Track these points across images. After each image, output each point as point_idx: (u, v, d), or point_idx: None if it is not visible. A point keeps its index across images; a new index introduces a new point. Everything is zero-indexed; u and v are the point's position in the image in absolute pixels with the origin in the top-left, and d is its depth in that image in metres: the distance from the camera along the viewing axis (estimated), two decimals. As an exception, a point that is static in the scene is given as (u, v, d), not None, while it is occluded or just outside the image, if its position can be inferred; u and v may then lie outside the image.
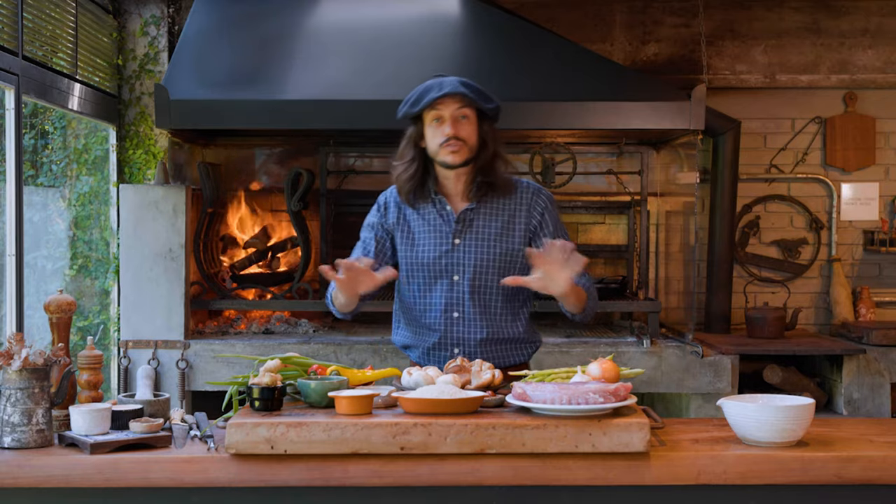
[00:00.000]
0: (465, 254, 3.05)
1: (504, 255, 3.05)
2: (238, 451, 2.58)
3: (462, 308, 3.08)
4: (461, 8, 5.25)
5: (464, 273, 3.06)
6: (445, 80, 2.99)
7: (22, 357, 2.63)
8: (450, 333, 3.11)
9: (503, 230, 3.06)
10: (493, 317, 3.10)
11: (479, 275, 3.05)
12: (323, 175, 5.54)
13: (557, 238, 2.96)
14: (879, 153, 6.04)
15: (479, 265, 3.05)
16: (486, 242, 3.05)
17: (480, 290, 3.06)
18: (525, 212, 3.07)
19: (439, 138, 2.99)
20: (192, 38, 5.19)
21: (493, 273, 3.05)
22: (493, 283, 3.05)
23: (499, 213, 3.06)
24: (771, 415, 2.66)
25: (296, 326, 5.39)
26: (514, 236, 3.06)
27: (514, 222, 3.06)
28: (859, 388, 5.15)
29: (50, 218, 5.34)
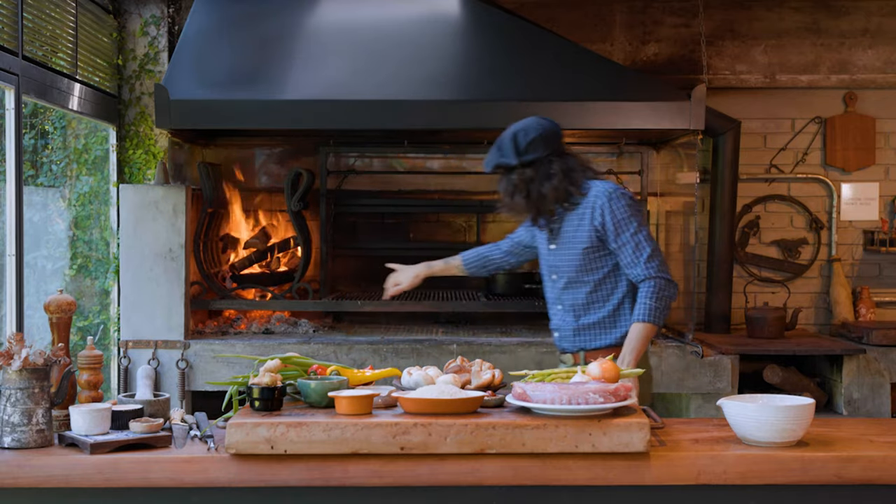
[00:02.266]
0: (556, 257, 3.53)
1: (581, 253, 3.45)
2: (238, 451, 2.58)
3: (560, 300, 3.55)
4: (461, 8, 5.25)
5: (558, 272, 3.54)
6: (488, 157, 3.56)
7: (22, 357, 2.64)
8: (553, 320, 3.61)
9: (576, 232, 3.46)
10: (578, 307, 3.50)
11: (565, 271, 3.50)
12: (323, 175, 5.54)
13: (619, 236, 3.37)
14: (879, 153, 6.04)
15: (565, 264, 3.49)
16: (566, 245, 3.49)
17: (569, 286, 3.51)
18: (590, 213, 3.43)
19: None
20: (192, 38, 5.19)
21: (574, 268, 3.47)
22: (576, 277, 3.47)
23: (573, 218, 3.47)
24: (771, 415, 2.66)
25: (296, 326, 5.39)
26: (583, 236, 3.44)
27: (584, 223, 3.44)
28: (859, 388, 5.15)
29: (50, 218, 5.34)
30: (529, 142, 3.45)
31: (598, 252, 3.43)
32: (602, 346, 3.45)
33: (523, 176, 3.46)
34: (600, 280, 3.45)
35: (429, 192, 6.01)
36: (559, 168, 3.43)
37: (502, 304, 5.42)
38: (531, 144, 3.45)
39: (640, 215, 3.42)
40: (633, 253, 3.36)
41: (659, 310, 3.33)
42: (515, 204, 3.49)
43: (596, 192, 3.42)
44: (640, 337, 3.33)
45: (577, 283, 3.47)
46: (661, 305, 3.33)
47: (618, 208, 3.38)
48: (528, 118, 3.52)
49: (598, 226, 3.39)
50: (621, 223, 3.38)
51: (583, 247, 3.42)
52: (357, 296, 5.59)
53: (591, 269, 3.45)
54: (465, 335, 5.26)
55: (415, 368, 2.98)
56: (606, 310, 3.46)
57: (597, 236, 3.41)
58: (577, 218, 3.44)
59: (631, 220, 3.38)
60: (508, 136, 3.50)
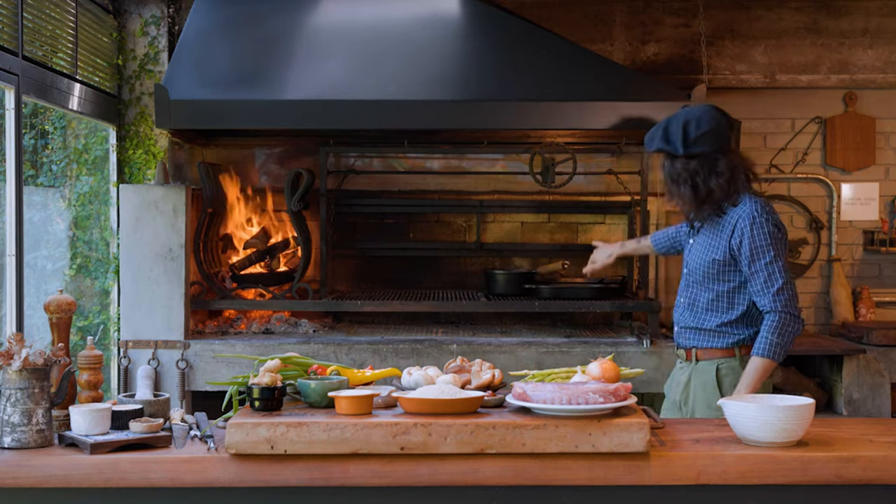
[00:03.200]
0: (690, 254, 3.57)
1: (709, 262, 3.46)
2: (238, 451, 2.58)
3: (682, 296, 3.59)
4: (461, 8, 5.25)
5: (687, 268, 3.57)
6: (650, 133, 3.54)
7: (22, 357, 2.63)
8: (675, 313, 3.63)
9: (711, 241, 3.47)
10: (697, 309, 3.51)
11: (693, 272, 3.53)
12: (323, 175, 5.54)
13: (753, 263, 3.35)
14: (879, 153, 6.04)
15: (693, 264, 3.52)
16: (701, 247, 3.50)
17: (692, 285, 3.54)
18: (730, 229, 3.41)
19: None
20: (192, 38, 5.19)
21: (700, 273, 3.49)
22: (700, 281, 3.49)
23: (714, 226, 3.48)
24: (771, 415, 2.66)
25: (296, 326, 5.39)
26: (718, 248, 3.44)
27: (722, 236, 3.44)
28: (859, 388, 5.15)
29: (50, 218, 5.34)
30: (701, 134, 3.39)
31: (728, 267, 3.42)
32: (713, 347, 3.46)
33: (688, 167, 3.42)
34: (725, 292, 3.44)
35: (429, 192, 6.02)
36: (726, 166, 3.40)
37: (502, 304, 5.42)
38: (702, 137, 3.40)
39: (779, 244, 3.37)
40: (763, 283, 3.33)
41: (780, 346, 3.30)
42: (682, 194, 3.45)
43: (743, 210, 3.39)
44: (758, 371, 3.30)
45: (701, 286, 3.49)
46: (782, 342, 3.30)
47: (758, 234, 3.34)
48: (702, 106, 3.49)
49: (734, 246, 3.38)
50: (758, 250, 3.34)
51: (714, 258, 3.43)
52: (357, 296, 5.59)
53: (717, 279, 3.44)
54: (465, 335, 5.26)
55: (415, 368, 2.98)
56: (724, 319, 3.44)
57: (730, 255, 3.40)
58: (718, 229, 3.44)
59: (769, 248, 3.34)
60: (679, 122, 3.43)
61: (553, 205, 6.00)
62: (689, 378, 3.51)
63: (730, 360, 3.44)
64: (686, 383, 3.52)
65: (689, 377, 3.52)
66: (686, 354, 3.53)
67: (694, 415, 3.45)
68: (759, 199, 3.44)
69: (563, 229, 6.10)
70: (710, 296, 3.45)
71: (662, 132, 3.44)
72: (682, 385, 3.54)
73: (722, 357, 3.44)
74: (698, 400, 3.46)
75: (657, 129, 3.47)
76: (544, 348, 4.99)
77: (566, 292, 5.41)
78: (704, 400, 3.43)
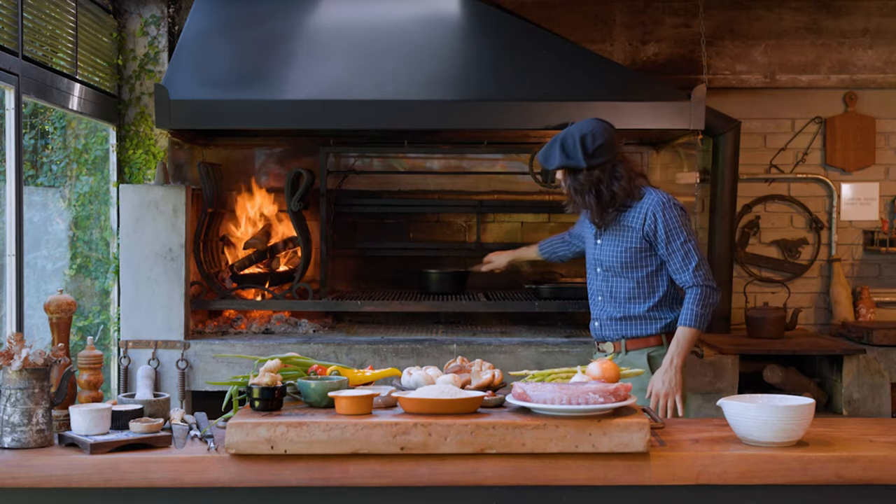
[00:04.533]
0: (601, 251, 3.82)
1: (625, 252, 3.74)
2: (238, 451, 2.58)
3: (602, 292, 3.85)
4: (461, 8, 5.24)
5: (602, 265, 3.82)
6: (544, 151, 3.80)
7: (22, 357, 2.64)
8: (595, 310, 3.90)
9: (624, 232, 3.74)
10: (620, 299, 3.78)
11: (610, 266, 3.79)
12: (323, 175, 5.53)
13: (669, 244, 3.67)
14: (879, 153, 6.04)
15: (609, 259, 3.78)
16: (613, 241, 3.77)
17: (609, 279, 3.80)
18: (641, 219, 3.70)
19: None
20: (192, 38, 5.19)
21: (618, 265, 3.76)
22: (619, 272, 3.76)
23: (623, 219, 3.75)
24: (771, 415, 2.66)
25: (296, 326, 5.39)
26: (632, 237, 3.72)
27: (633, 226, 3.72)
28: (859, 388, 5.15)
29: (50, 218, 5.34)
30: (598, 147, 3.68)
31: (643, 253, 3.73)
32: (643, 335, 3.76)
33: (591, 177, 3.70)
34: (643, 277, 3.75)
35: (429, 192, 6.02)
36: (624, 171, 3.71)
37: (502, 304, 5.42)
38: (599, 149, 3.68)
39: (689, 226, 3.74)
40: (682, 261, 3.68)
41: (704, 316, 3.64)
42: (587, 202, 3.73)
43: (651, 199, 3.71)
44: (687, 340, 3.65)
45: (621, 277, 3.77)
46: (705, 312, 3.65)
47: (670, 218, 3.68)
48: (587, 120, 3.77)
49: (648, 231, 3.69)
50: (672, 232, 3.68)
51: (630, 246, 3.72)
52: (357, 296, 5.59)
53: (635, 266, 3.74)
54: (465, 335, 5.25)
55: (415, 368, 2.98)
56: (648, 304, 3.75)
57: (646, 240, 3.71)
58: (629, 219, 3.72)
59: (681, 229, 3.69)
60: (574, 138, 3.70)
61: (553, 205, 5.99)
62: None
63: (659, 347, 3.74)
64: None
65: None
66: (614, 346, 3.79)
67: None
68: (660, 189, 3.79)
69: (563, 229, 6.05)
70: (631, 284, 3.75)
71: (560, 150, 3.70)
72: None
73: (652, 346, 3.76)
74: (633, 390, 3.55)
75: (551, 147, 3.73)
76: (544, 348, 4.99)
77: (566, 292, 5.41)
78: (638, 384, 3.64)
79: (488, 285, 5.98)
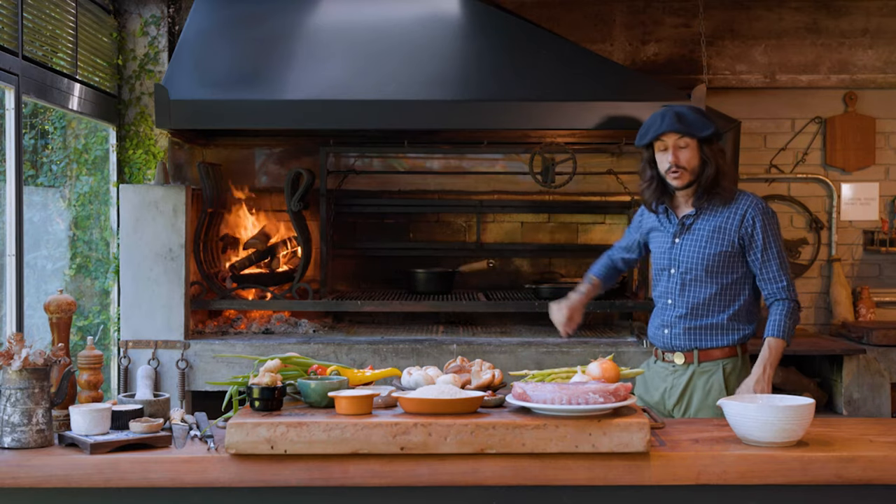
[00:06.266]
0: (681, 251, 3.51)
1: (714, 255, 3.46)
2: (238, 451, 2.58)
3: (674, 296, 3.54)
4: (461, 8, 5.24)
5: (678, 267, 3.52)
6: (667, 115, 3.45)
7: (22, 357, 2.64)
8: (664, 316, 3.58)
9: (715, 233, 3.47)
10: (701, 306, 3.49)
11: (691, 269, 3.49)
12: (323, 175, 5.54)
13: (766, 250, 3.44)
14: (879, 153, 6.04)
15: (691, 261, 3.49)
16: (699, 243, 3.48)
17: (689, 284, 3.50)
18: (738, 220, 3.45)
19: (664, 165, 3.48)
20: (192, 38, 5.19)
21: (701, 268, 3.48)
22: (701, 277, 3.48)
23: (715, 219, 3.48)
24: (771, 415, 2.66)
25: (296, 326, 5.39)
26: (724, 240, 3.46)
27: (727, 228, 3.46)
28: (859, 388, 5.15)
29: (50, 218, 5.34)
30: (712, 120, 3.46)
31: (733, 258, 3.47)
32: (719, 346, 3.49)
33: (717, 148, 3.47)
34: (729, 284, 3.48)
35: (429, 192, 6.01)
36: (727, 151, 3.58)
37: (502, 304, 5.42)
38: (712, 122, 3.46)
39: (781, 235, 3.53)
40: (777, 271, 3.46)
41: (792, 329, 3.47)
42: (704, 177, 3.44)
43: (749, 201, 3.47)
44: (777, 351, 3.46)
45: (701, 282, 3.49)
46: (793, 326, 3.47)
47: (770, 224, 3.46)
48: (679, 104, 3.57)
49: (745, 234, 3.44)
50: (771, 240, 3.45)
51: (720, 250, 3.45)
52: (357, 296, 5.59)
53: (721, 272, 3.47)
54: (465, 335, 5.25)
55: (415, 368, 2.98)
56: (728, 313, 3.48)
57: (739, 243, 3.46)
58: (720, 219, 3.46)
59: (779, 238, 3.48)
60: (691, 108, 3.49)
61: (553, 205, 6.00)
62: (689, 381, 3.50)
63: (733, 359, 3.50)
64: (684, 387, 3.51)
65: (688, 381, 3.50)
66: (685, 357, 3.51)
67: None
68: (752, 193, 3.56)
69: (563, 229, 6.10)
70: (714, 290, 3.47)
71: (700, 115, 3.46)
72: (677, 390, 3.51)
73: (726, 357, 3.49)
74: (701, 403, 3.46)
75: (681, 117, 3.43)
76: (544, 348, 4.99)
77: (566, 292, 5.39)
78: (709, 402, 3.44)
79: (488, 285, 5.98)
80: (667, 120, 3.44)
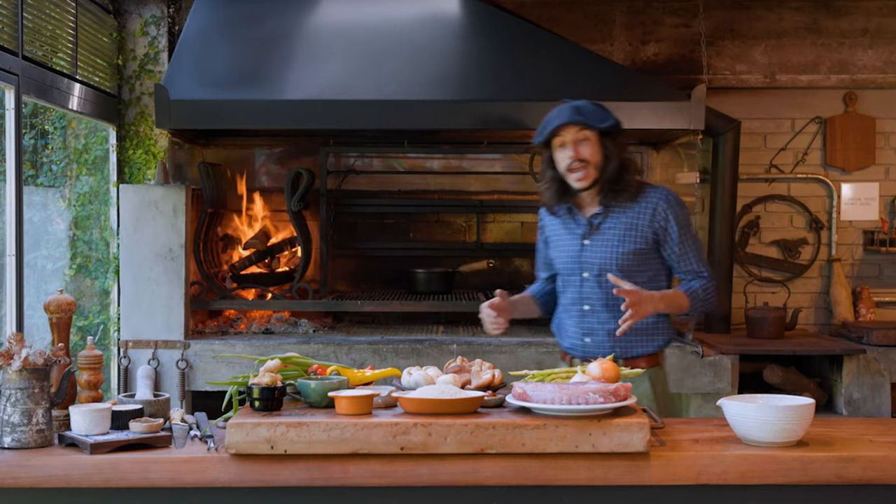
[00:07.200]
0: (592, 253, 3.30)
1: (628, 254, 3.27)
2: (238, 451, 2.58)
3: (592, 301, 3.32)
4: (461, 8, 5.25)
5: (591, 270, 3.30)
6: (564, 109, 3.27)
7: (22, 357, 2.63)
8: (582, 324, 3.35)
9: (627, 231, 3.28)
10: (619, 309, 3.19)
11: (605, 271, 3.27)
12: (323, 175, 5.54)
13: (683, 242, 3.27)
14: (879, 153, 6.04)
15: (604, 263, 3.28)
16: (611, 242, 3.28)
17: (606, 285, 3.25)
18: (650, 215, 3.27)
19: (564, 161, 3.28)
20: (192, 38, 5.19)
21: (615, 268, 3.26)
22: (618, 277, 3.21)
23: (625, 216, 3.29)
24: (771, 415, 2.66)
25: (296, 326, 5.39)
26: (637, 237, 3.27)
27: (639, 224, 3.28)
28: (859, 388, 5.15)
29: (50, 218, 5.34)
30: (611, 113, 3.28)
31: (648, 255, 3.28)
32: (643, 354, 3.29)
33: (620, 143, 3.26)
34: (644, 283, 3.23)
35: (429, 192, 6.02)
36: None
37: (502, 304, 5.41)
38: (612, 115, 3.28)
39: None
40: (697, 263, 3.29)
41: (702, 303, 3.27)
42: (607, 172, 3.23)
43: (658, 194, 3.29)
44: (677, 300, 3.23)
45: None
46: (705, 301, 3.27)
47: (683, 215, 3.29)
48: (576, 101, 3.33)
49: (658, 228, 3.25)
50: (686, 228, 3.29)
51: (634, 247, 3.25)
52: (357, 296, 5.59)
53: (637, 270, 3.26)
54: (465, 335, 5.26)
55: (415, 368, 2.98)
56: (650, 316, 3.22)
57: (654, 239, 3.27)
58: (631, 216, 3.26)
59: (691, 227, 3.33)
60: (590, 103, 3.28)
61: (553, 205, 5.99)
62: None
63: (658, 370, 3.34)
64: None
65: None
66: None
67: None
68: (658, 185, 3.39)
69: (563, 229, 6.09)
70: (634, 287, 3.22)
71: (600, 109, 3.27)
72: None
73: (651, 367, 3.30)
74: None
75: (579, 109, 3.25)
76: (544, 348, 4.99)
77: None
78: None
79: (488, 285, 5.98)
80: (564, 113, 3.25)
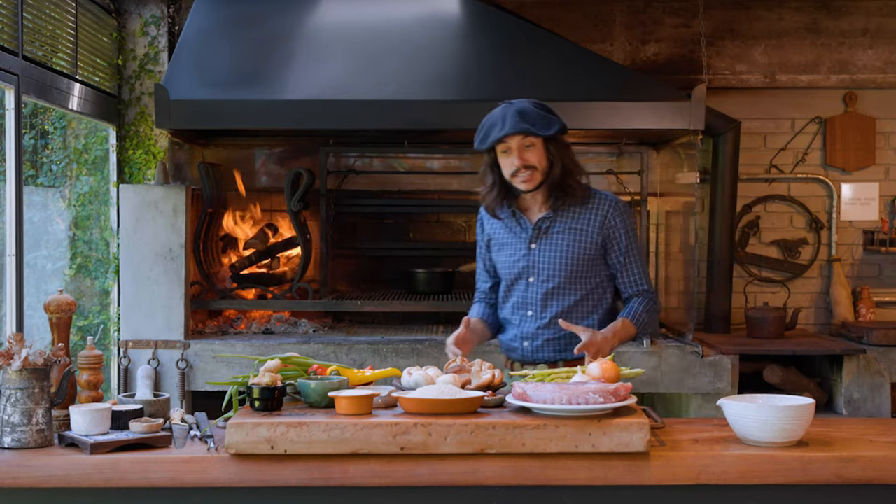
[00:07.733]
0: (539, 257, 3.27)
1: (575, 259, 3.25)
2: (238, 451, 2.58)
3: (535, 307, 3.30)
4: (461, 8, 5.25)
5: (538, 275, 3.27)
6: (507, 115, 3.17)
7: (22, 357, 2.64)
8: (522, 328, 3.33)
9: (576, 236, 3.25)
10: (562, 314, 3.25)
11: (551, 277, 3.26)
12: (323, 175, 5.54)
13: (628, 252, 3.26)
14: (879, 153, 6.04)
15: (552, 267, 3.26)
16: (560, 247, 3.25)
17: (552, 291, 3.26)
18: (599, 222, 3.25)
19: (509, 168, 3.21)
20: (192, 38, 5.19)
21: (564, 273, 3.25)
22: (564, 283, 3.26)
23: (572, 220, 3.26)
24: (771, 415, 2.66)
25: (296, 326, 5.39)
26: (585, 242, 3.25)
27: (587, 230, 3.25)
28: (859, 388, 5.15)
29: (50, 218, 5.34)
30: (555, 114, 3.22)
31: (595, 261, 3.26)
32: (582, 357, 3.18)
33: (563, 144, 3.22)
34: (591, 289, 3.27)
35: (429, 192, 6.01)
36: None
37: (502, 304, 5.41)
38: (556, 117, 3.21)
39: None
40: (639, 273, 3.30)
41: (647, 323, 3.28)
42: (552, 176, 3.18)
43: (607, 201, 3.27)
44: (626, 331, 3.22)
45: (564, 289, 3.26)
46: (648, 320, 3.28)
47: (631, 224, 3.27)
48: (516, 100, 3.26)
49: (607, 235, 3.24)
50: (633, 238, 3.28)
51: (582, 253, 3.23)
52: (357, 296, 5.59)
53: (584, 276, 3.26)
54: (465, 335, 5.25)
55: (415, 368, 2.98)
56: (591, 320, 3.27)
57: (602, 245, 3.25)
58: (580, 221, 3.24)
59: (636, 237, 3.30)
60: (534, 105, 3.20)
61: (553, 205, 5.99)
62: None
63: None
64: None
65: None
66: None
67: None
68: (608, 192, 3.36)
69: (563, 229, 6.09)
70: (578, 296, 3.27)
71: (548, 113, 3.19)
72: None
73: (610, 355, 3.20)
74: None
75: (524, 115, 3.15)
76: (544, 348, 4.99)
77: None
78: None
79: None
80: (509, 121, 3.15)
